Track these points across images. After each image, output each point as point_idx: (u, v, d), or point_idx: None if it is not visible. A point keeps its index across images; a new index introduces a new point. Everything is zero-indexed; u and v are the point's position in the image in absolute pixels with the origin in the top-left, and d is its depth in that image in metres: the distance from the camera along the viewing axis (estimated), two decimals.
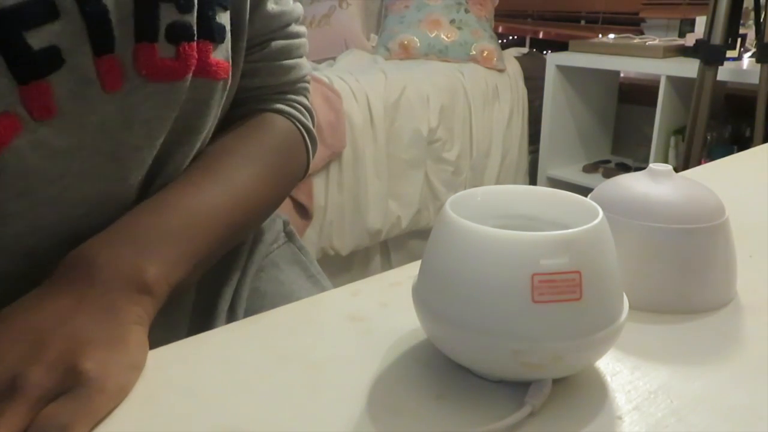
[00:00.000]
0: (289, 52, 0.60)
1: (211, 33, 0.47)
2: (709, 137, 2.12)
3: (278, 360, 0.40)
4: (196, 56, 0.46)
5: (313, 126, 0.64)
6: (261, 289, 0.62)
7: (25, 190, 0.42)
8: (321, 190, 1.98)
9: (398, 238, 2.27)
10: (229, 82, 0.52)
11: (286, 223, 0.69)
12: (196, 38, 0.46)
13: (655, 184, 0.46)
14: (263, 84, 0.60)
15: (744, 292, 0.48)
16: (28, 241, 0.45)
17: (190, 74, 0.46)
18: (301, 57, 0.62)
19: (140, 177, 0.49)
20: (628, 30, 2.71)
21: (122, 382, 0.36)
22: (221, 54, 0.49)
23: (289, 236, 0.68)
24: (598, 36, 2.73)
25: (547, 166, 2.59)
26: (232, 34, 0.51)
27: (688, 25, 2.49)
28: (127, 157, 0.46)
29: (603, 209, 0.36)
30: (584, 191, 0.44)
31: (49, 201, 0.44)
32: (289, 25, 0.60)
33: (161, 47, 0.44)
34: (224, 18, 0.49)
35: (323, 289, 0.66)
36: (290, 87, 0.62)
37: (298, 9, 0.62)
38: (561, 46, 2.68)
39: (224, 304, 0.58)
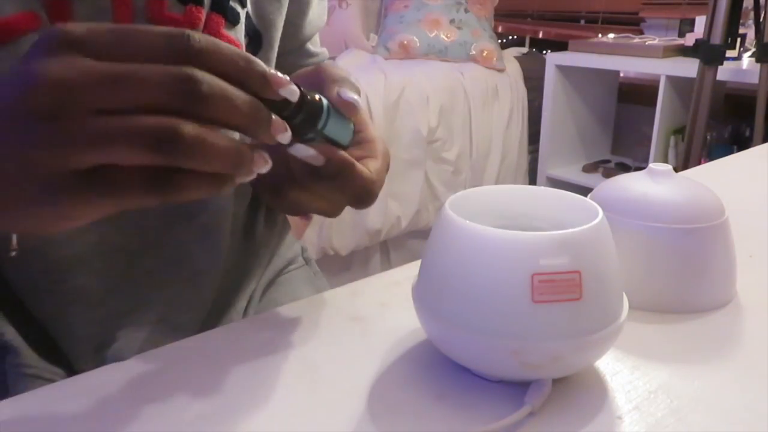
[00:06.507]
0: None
1: (223, 9, 0.52)
2: (708, 137, 2.12)
3: (278, 360, 0.40)
4: (203, 20, 0.50)
5: None
6: (278, 300, 0.66)
7: None
8: None
9: (398, 238, 2.27)
10: None
11: (304, 249, 0.74)
12: (206, 8, 0.50)
13: (654, 184, 0.46)
14: None
15: (744, 292, 0.48)
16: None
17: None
18: None
19: None
20: (627, 30, 2.70)
21: None
22: (234, 34, 0.53)
23: (307, 261, 0.73)
24: (597, 36, 2.73)
25: (547, 166, 2.59)
26: (260, 44, 0.57)
27: (687, 25, 2.48)
28: None
29: (603, 209, 0.36)
30: (584, 191, 0.44)
31: None
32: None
33: (170, 2, 0.49)
34: (239, 8, 0.54)
35: None
36: None
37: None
38: (561, 45, 2.68)
39: (237, 314, 0.62)
